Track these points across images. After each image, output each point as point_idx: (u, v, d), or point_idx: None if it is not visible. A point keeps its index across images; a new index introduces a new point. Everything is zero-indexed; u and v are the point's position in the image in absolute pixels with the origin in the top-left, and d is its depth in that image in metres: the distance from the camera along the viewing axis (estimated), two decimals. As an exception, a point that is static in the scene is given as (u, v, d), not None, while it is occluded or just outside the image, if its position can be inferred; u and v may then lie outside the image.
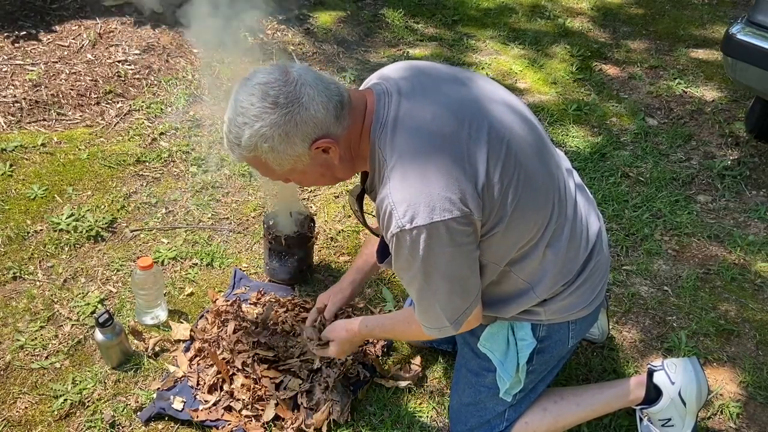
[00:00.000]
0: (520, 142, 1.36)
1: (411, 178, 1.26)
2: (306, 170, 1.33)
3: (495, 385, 1.64)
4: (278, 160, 1.28)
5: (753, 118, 3.05)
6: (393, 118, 1.31)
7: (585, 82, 3.59)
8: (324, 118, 1.25)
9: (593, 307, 1.59)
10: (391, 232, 1.28)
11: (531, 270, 1.45)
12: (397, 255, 1.32)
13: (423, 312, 1.43)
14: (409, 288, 1.40)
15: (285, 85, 1.23)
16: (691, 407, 1.72)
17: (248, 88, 1.25)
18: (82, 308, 2.11)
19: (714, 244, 2.54)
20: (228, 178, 2.72)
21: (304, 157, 1.29)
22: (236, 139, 1.27)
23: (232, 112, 1.26)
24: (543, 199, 1.40)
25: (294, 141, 1.25)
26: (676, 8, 4.48)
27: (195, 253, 2.34)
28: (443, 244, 1.27)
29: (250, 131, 1.24)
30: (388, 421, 1.84)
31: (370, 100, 1.35)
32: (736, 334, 2.17)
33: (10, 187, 2.56)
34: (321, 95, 1.25)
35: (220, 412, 1.80)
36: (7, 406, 1.83)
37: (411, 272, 1.33)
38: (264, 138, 1.24)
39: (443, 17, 4.21)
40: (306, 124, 1.24)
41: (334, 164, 1.33)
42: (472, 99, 1.38)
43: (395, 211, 1.26)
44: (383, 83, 1.38)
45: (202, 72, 3.38)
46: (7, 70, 3.14)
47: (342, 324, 1.73)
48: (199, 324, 2.06)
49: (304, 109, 1.23)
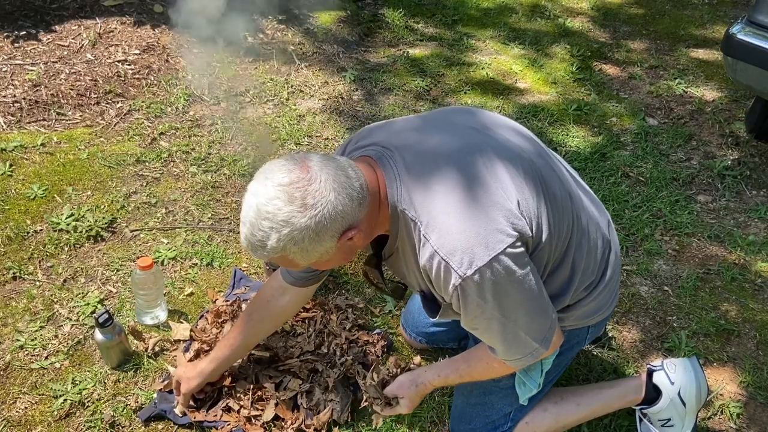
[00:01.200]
0: (531, 156, 1.37)
1: (452, 226, 1.23)
2: (331, 259, 1.29)
3: (509, 387, 1.64)
4: (305, 256, 1.24)
5: (753, 118, 3.05)
6: (406, 178, 1.27)
7: (585, 82, 3.59)
8: (350, 210, 1.21)
9: (611, 309, 1.60)
10: (453, 284, 1.24)
11: (563, 277, 1.43)
12: (466, 305, 1.27)
13: (509, 347, 1.37)
14: (489, 332, 1.35)
15: (309, 183, 1.17)
16: (691, 407, 1.72)
17: (270, 190, 1.18)
18: (82, 308, 2.11)
19: (714, 244, 2.54)
20: (228, 178, 2.72)
21: (332, 249, 1.25)
22: (260, 243, 1.20)
23: (255, 216, 1.19)
24: (563, 210, 1.40)
25: (323, 238, 1.21)
26: (676, 8, 4.48)
27: (195, 253, 2.34)
28: (509, 274, 1.25)
29: (278, 236, 1.18)
30: (389, 421, 1.84)
31: (377, 168, 1.31)
32: (737, 334, 2.17)
33: (10, 187, 2.55)
34: (345, 188, 1.20)
35: (219, 413, 1.80)
36: (7, 406, 1.83)
37: (486, 315, 1.29)
38: (293, 242, 1.19)
39: (443, 17, 4.21)
40: (335, 220, 1.19)
41: (358, 246, 1.29)
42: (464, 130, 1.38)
43: (451, 263, 1.22)
44: (376, 148, 1.35)
45: (202, 72, 3.38)
46: (7, 70, 3.14)
47: (408, 379, 1.64)
48: (198, 324, 2.06)
49: (332, 207, 1.18)
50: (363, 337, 2.02)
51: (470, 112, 1.47)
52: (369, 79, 3.49)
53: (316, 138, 3.00)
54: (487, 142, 1.35)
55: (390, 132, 1.40)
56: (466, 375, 1.58)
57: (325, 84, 3.43)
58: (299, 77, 3.46)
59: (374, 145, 1.36)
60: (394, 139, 1.36)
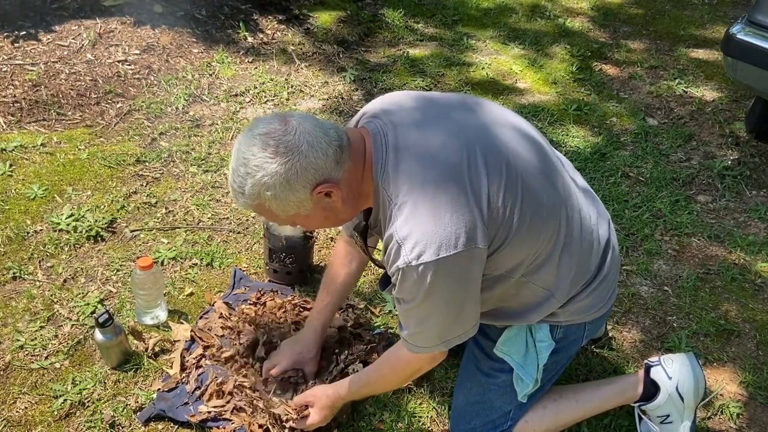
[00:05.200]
0: (520, 162, 1.39)
1: (417, 216, 1.29)
2: (309, 214, 1.36)
3: (506, 384, 1.65)
4: (281, 206, 1.32)
5: (753, 118, 3.05)
6: (393, 158, 1.34)
7: (585, 82, 3.59)
8: (324, 164, 1.29)
9: (609, 306, 1.62)
10: (397, 266, 1.31)
11: (548, 277, 1.47)
12: (401, 287, 1.35)
13: (416, 334, 1.45)
14: (406, 315, 1.43)
15: (284, 134, 1.28)
16: (689, 402, 1.72)
17: (249, 139, 1.29)
18: (82, 308, 2.11)
19: (714, 244, 2.54)
20: (228, 178, 2.71)
21: (307, 202, 1.33)
22: (240, 188, 1.32)
23: (235, 162, 1.31)
24: (550, 210, 1.42)
25: (295, 188, 1.29)
26: (676, 8, 4.48)
27: (195, 253, 2.34)
28: (448, 279, 1.31)
29: (252, 181, 1.29)
30: (388, 421, 1.84)
31: (367, 140, 1.38)
32: (737, 334, 2.17)
33: (10, 187, 2.55)
34: (320, 142, 1.29)
35: (230, 410, 1.80)
36: (7, 406, 1.83)
37: (412, 303, 1.37)
38: (266, 187, 1.28)
39: (443, 17, 4.21)
40: (306, 170, 1.28)
41: (337, 207, 1.37)
42: (460, 124, 1.41)
43: (403, 247, 1.29)
44: (377, 121, 1.40)
45: (202, 72, 3.38)
46: (7, 70, 3.14)
47: (322, 389, 1.72)
48: (199, 324, 2.06)
49: (303, 157, 1.27)
50: (363, 336, 2.02)
51: (472, 109, 1.48)
52: (369, 79, 3.49)
53: (316, 138, 3.00)
54: (480, 145, 1.37)
55: (395, 113, 1.43)
56: (373, 380, 1.66)
57: (325, 84, 3.43)
58: (299, 77, 3.46)
59: (376, 119, 1.42)
60: (395, 119, 1.40)
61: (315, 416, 1.69)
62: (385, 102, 1.48)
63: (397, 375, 1.62)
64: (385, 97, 1.51)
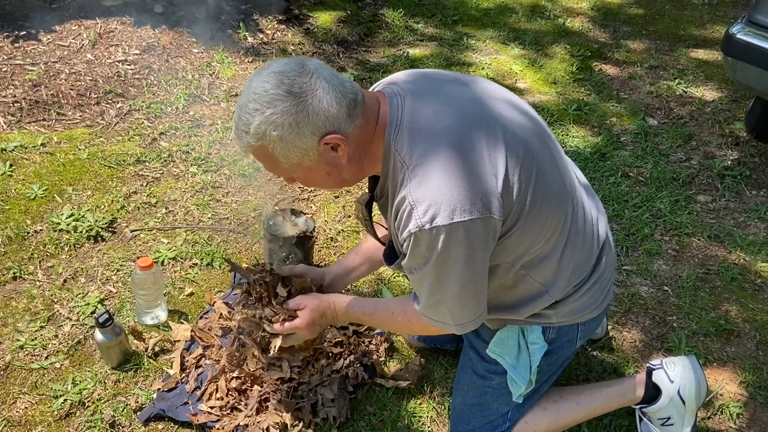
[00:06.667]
0: (536, 148, 1.36)
1: (432, 178, 1.24)
2: (312, 167, 1.31)
3: (502, 386, 1.64)
4: (285, 151, 1.26)
5: (753, 118, 3.05)
6: (409, 120, 1.30)
7: (585, 82, 3.59)
8: (336, 114, 1.24)
9: (602, 308, 1.60)
10: (409, 230, 1.26)
11: (547, 273, 1.45)
12: (413, 253, 1.30)
13: (429, 307, 1.40)
14: (419, 284, 1.37)
15: (300, 75, 1.23)
16: (691, 405, 1.72)
17: (263, 75, 1.24)
18: (82, 308, 2.11)
19: (714, 244, 2.54)
20: (228, 178, 2.72)
21: (312, 151, 1.27)
22: (245, 126, 1.25)
23: (245, 98, 1.25)
24: (558, 199, 1.40)
25: (304, 132, 1.24)
26: (676, 8, 4.48)
27: (195, 253, 2.34)
28: (460, 246, 1.26)
29: (261, 117, 1.23)
30: (388, 421, 1.84)
31: (383, 102, 1.34)
32: (736, 334, 2.17)
33: (10, 187, 2.55)
34: (335, 91, 1.24)
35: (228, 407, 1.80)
36: (7, 406, 1.83)
37: (423, 270, 1.32)
38: (274, 126, 1.23)
39: (443, 17, 4.21)
40: (317, 116, 1.23)
41: (342, 164, 1.31)
42: (480, 99, 1.38)
43: (416, 210, 1.24)
44: (393, 86, 1.37)
45: (202, 72, 3.38)
46: (7, 70, 3.14)
47: (315, 296, 1.64)
48: (198, 324, 2.06)
49: (317, 101, 1.22)
50: (363, 337, 2.02)
51: (492, 89, 1.43)
52: (369, 79, 3.49)
53: (316, 138, 3.00)
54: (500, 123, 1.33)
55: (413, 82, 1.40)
56: (381, 318, 1.59)
57: (325, 84, 3.42)
58: (299, 77, 3.46)
59: (393, 85, 1.37)
60: (412, 87, 1.36)
61: (301, 319, 1.60)
62: (402, 73, 1.45)
63: (407, 326, 1.57)
64: (403, 72, 1.47)
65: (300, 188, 2.69)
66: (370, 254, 1.80)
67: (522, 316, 1.53)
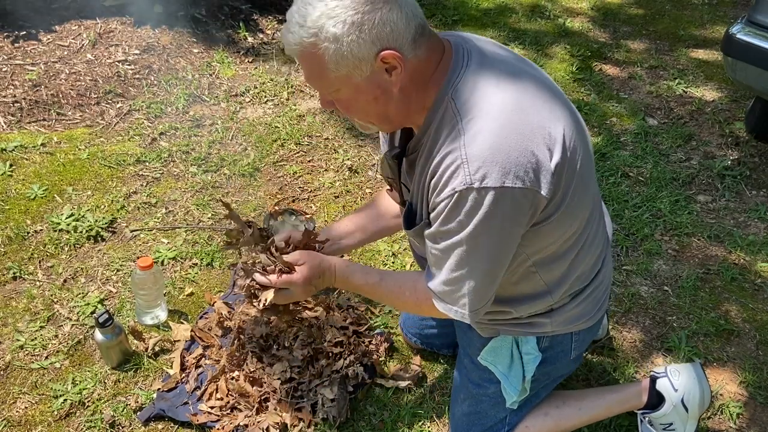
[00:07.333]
0: (583, 145, 1.30)
1: (490, 135, 1.14)
2: (360, 85, 1.18)
3: (497, 395, 1.63)
4: (337, 56, 1.13)
5: (753, 118, 3.05)
6: (473, 72, 1.20)
7: (585, 82, 3.59)
8: (403, 30, 1.13)
9: (597, 318, 1.56)
10: (454, 188, 1.15)
11: (556, 273, 1.39)
12: (447, 216, 1.19)
13: (448, 284, 1.29)
14: (443, 256, 1.26)
15: None
16: (693, 412, 1.71)
17: None
18: (82, 308, 2.11)
19: (714, 244, 2.54)
20: (228, 178, 2.72)
21: (366, 65, 1.15)
22: (302, 17, 1.12)
23: None
24: (590, 200, 1.35)
25: (364, 38, 1.11)
26: (676, 8, 4.48)
27: (195, 253, 2.34)
28: (502, 215, 1.17)
29: (323, 8, 1.10)
30: (388, 421, 1.84)
31: (447, 48, 1.23)
32: (736, 334, 2.17)
33: (10, 187, 2.56)
34: (409, 8, 1.14)
35: (228, 408, 1.80)
36: (7, 406, 1.83)
37: (454, 239, 1.21)
38: (335, 21, 1.10)
39: (443, 17, 4.21)
40: (384, 24, 1.11)
41: (392, 92, 1.20)
42: (542, 79, 1.30)
43: (466, 165, 1.13)
44: (461, 40, 1.27)
45: (202, 72, 3.38)
46: (7, 70, 3.14)
47: (315, 254, 1.50)
48: (198, 324, 2.06)
49: (387, 9, 1.11)
50: (364, 337, 2.02)
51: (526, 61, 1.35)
52: (369, 79, 3.49)
53: (316, 138, 3.00)
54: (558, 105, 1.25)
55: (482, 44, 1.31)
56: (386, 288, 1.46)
57: (325, 84, 3.42)
58: (299, 77, 3.46)
59: (461, 39, 1.28)
60: (481, 45, 1.28)
61: (298, 274, 1.45)
62: (473, 35, 1.34)
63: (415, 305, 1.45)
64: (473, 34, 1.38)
65: (300, 188, 2.69)
66: (364, 224, 1.70)
67: (518, 313, 1.47)
